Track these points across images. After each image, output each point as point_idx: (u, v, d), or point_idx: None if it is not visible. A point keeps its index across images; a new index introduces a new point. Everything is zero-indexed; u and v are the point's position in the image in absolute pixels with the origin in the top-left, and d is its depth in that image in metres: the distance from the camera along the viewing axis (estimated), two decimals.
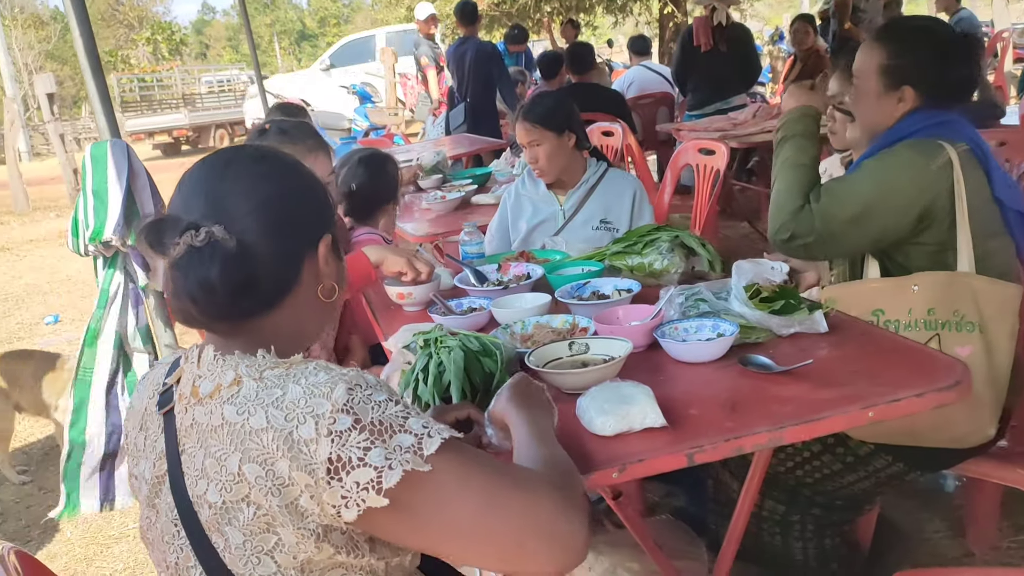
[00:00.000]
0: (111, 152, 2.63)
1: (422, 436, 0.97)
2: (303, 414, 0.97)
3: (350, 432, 0.95)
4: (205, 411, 1.04)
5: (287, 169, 1.17)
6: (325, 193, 1.21)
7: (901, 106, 1.99)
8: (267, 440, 0.97)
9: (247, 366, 1.05)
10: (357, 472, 0.95)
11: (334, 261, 1.19)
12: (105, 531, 3.14)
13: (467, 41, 6.74)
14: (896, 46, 1.99)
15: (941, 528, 2.50)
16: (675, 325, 1.71)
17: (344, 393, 0.97)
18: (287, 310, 1.14)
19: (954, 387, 1.39)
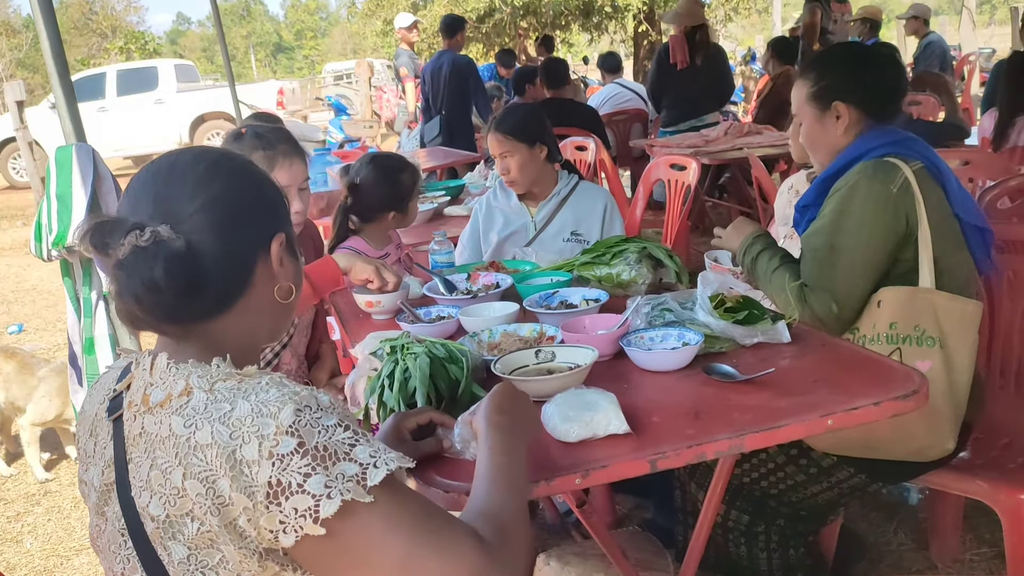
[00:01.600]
0: (76, 156, 2.61)
1: (368, 466, 0.95)
2: (248, 433, 0.94)
3: (292, 456, 0.93)
4: (154, 420, 1.02)
5: (234, 168, 1.15)
6: (277, 192, 1.19)
7: (841, 123, 2.06)
8: (211, 456, 0.95)
9: (199, 376, 1.02)
10: (296, 498, 0.92)
11: (289, 261, 1.17)
12: (66, 543, 3.09)
13: (444, 55, 6.78)
14: (816, 73, 2.11)
15: (905, 540, 2.53)
16: (641, 334, 1.72)
17: (291, 414, 0.95)
18: (241, 312, 1.12)
19: (911, 396, 1.41)
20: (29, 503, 3.42)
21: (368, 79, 12.49)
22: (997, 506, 1.93)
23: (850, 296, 1.91)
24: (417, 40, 9.24)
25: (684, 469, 2.16)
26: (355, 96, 15.37)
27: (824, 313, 1.89)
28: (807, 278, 1.95)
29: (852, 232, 1.91)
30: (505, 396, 1.26)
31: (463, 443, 1.33)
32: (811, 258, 1.97)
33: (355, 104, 14.09)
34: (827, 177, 2.07)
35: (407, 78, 8.83)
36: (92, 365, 2.91)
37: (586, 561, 2.09)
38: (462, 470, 1.30)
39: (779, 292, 1.97)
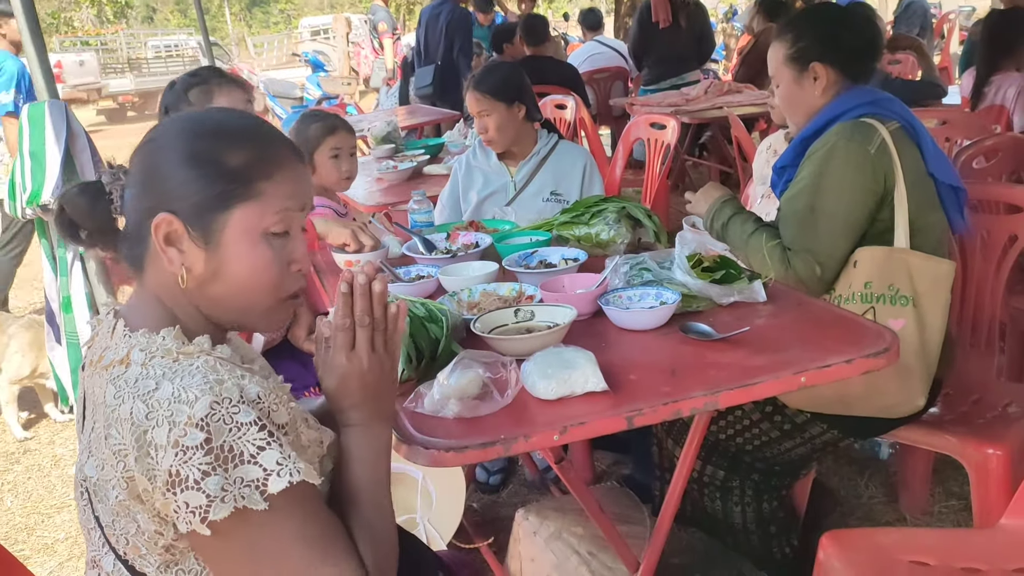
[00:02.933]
0: (49, 113, 2.56)
1: (271, 473, 0.95)
2: (162, 417, 0.94)
3: (196, 450, 0.93)
4: (100, 383, 1.04)
5: (172, 129, 1.12)
6: (188, 169, 1.07)
7: (819, 83, 2.06)
8: (125, 431, 0.97)
9: (141, 349, 1.03)
10: (190, 494, 0.93)
11: (196, 250, 1.07)
12: (46, 500, 3.10)
13: (444, 3, 6.61)
14: (793, 34, 2.10)
15: (876, 494, 2.59)
16: (619, 293, 1.73)
17: (205, 407, 0.94)
18: (154, 276, 1.11)
19: (882, 354, 1.44)
20: (8, 461, 3.42)
21: (346, 35, 12.30)
22: (965, 460, 1.98)
23: (832, 257, 1.93)
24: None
25: (661, 426, 2.19)
26: (333, 52, 15.14)
27: (808, 275, 1.92)
28: (788, 240, 1.97)
29: (832, 194, 1.93)
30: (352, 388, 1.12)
31: (442, 401, 1.35)
32: (792, 221, 1.99)
33: (333, 60, 13.89)
34: (804, 138, 2.08)
35: (385, 33, 8.71)
36: (70, 323, 2.90)
37: (564, 515, 2.13)
38: (440, 427, 1.32)
39: (756, 255, 1.98)
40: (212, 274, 1.08)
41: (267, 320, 1.16)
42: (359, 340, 1.10)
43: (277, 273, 1.11)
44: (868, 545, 1.61)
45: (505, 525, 2.35)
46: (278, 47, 26.29)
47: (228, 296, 1.11)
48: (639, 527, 2.12)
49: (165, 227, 1.06)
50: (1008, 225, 2.28)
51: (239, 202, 1.07)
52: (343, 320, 1.10)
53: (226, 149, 1.08)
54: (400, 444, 1.30)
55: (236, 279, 1.09)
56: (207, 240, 1.07)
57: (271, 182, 1.09)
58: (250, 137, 1.11)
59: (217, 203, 1.07)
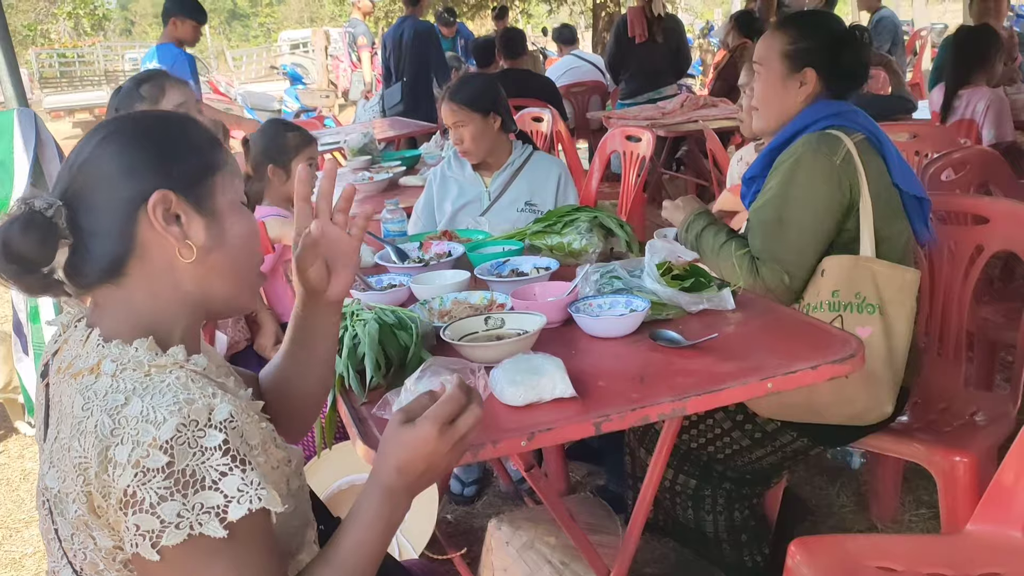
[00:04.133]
0: (17, 121, 2.54)
1: (232, 499, 0.93)
2: (127, 435, 0.92)
3: (157, 473, 0.91)
4: (68, 392, 1.02)
5: (120, 124, 1.09)
6: (167, 145, 1.07)
7: (803, 89, 2.07)
8: (88, 445, 0.94)
9: (113, 360, 1.00)
10: (142, 516, 0.91)
11: (196, 219, 1.06)
12: (15, 515, 3.05)
13: (405, 20, 6.70)
14: (797, 32, 2.09)
15: (847, 503, 2.61)
16: (590, 301, 1.74)
17: (171, 429, 0.92)
18: (142, 278, 1.06)
19: (847, 360, 1.45)
20: None
21: (324, 48, 12.30)
22: (933, 468, 2.00)
23: (800, 267, 1.95)
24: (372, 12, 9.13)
25: (634, 436, 2.20)
26: (311, 65, 15.14)
27: (776, 284, 1.93)
28: (756, 250, 1.98)
29: (799, 204, 1.95)
30: (419, 458, 1.03)
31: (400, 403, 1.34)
32: (760, 231, 2.01)
33: (311, 73, 13.88)
34: (772, 149, 2.10)
35: (363, 47, 8.73)
36: (37, 333, 2.86)
37: (537, 525, 2.12)
38: None
39: (727, 264, 2.00)
40: (215, 240, 1.08)
41: (251, 293, 1.18)
42: (460, 424, 1.03)
43: (256, 240, 1.15)
44: (836, 551, 1.62)
45: (479, 536, 2.34)
46: (257, 60, 26.24)
47: (228, 263, 1.10)
48: (611, 536, 2.12)
49: (163, 204, 1.03)
50: (974, 236, 2.31)
51: (217, 169, 1.10)
52: (460, 393, 1.05)
53: (192, 127, 1.12)
54: (367, 451, 1.30)
55: (236, 242, 1.10)
56: (202, 207, 1.07)
57: (225, 152, 1.13)
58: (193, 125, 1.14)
59: (203, 169, 1.08)
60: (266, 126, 2.90)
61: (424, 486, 1.07)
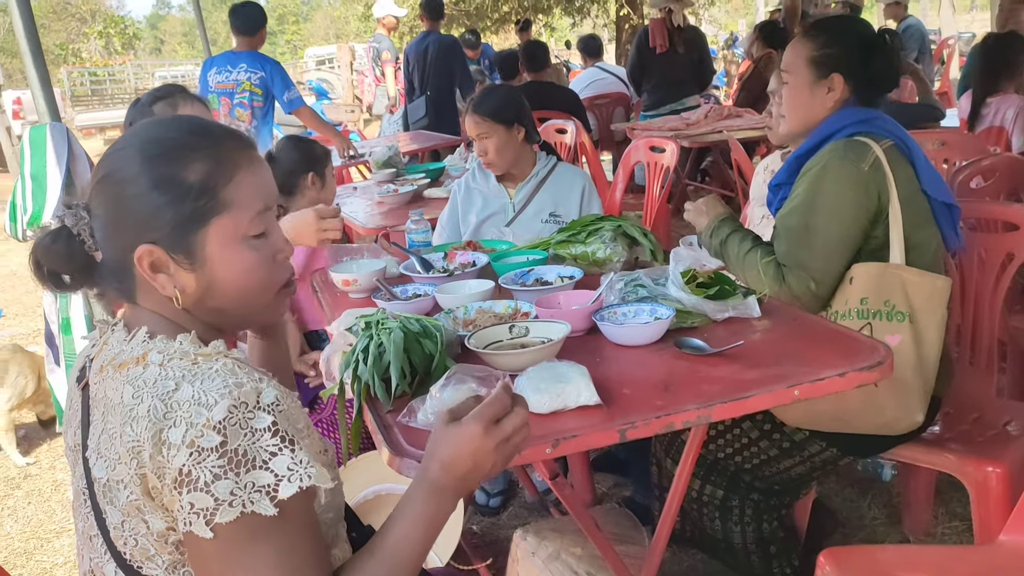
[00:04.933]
0: (50, 135, 2.59)
1: (282, 478, 0.96)
2: (180, 417, 0.96)
3: (211, 453, 0.94)
4: (114, 386, 1.05)
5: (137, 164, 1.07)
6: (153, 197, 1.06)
7: (831, 95, 2.05)
8: (141, 429, 0.98)
9: (159, 351, 1.04)
10: (197, 495, 0.94)
11: (184, 269, 1.08)
12: (46, 525, 3.08)
13: (429, 35, 6.76)
14: (824, 38, 2.07)
15: (878, 515, 2.57)
16: (614, 309, 1.74)
17: (223, 411, 0.95)
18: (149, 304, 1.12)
19: (875, 367, 1.44)
20: (9, 487, 3.41)
21: (350, 63, 12.41)
22: (965, 479, 1.97)
23: (827, 274, 1.93)
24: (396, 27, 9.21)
25: (660, 446, 2.18)
26: (337, 81, 15.29)
27: (802, 291, 1.92)
28: (783, 257, 1.97)
29: (826, 211, 1.93)
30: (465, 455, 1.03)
31: (435, 414, 1.35)
32: (786, 238, 1.99)
33: (336, 88, 14.01)
34: (799, 156, 2.08)
35: (388, 62, 8.79)
36: (69, 345, 2.90)
37: (563, 536, 2.11)
38: None
39: (752, 271, 1.99)
40: (205, 290, 1.10)
41: (268, 314, 1.20)
42: (506, 424, 1.04)
43: (266, 270, 1.13)
44: (866, 562, 1.60)
45: (504, 547, 2.33)
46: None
47: (226, 305, 1.12)
48: (638, 547, 2.10)
49: (148, 258, 1.06)
50: (1005, 243, 2.28)
51: (213, 216, 1.07)
52: (505, 394, 1.06)
53: (183, 166, 1.06)
54: (392, 458, 1.30)
55: (229, 288, 1.11)
56: (192, 260, 1.08)
57: (235, 184, 1.08)
58: (201, 144, 1.09)
59: (191, 223, 1.07)
60: (290, 143, 2.99)
61: (470, 487, 1.08)
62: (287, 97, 5.12)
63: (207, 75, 5.19)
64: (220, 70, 5.10)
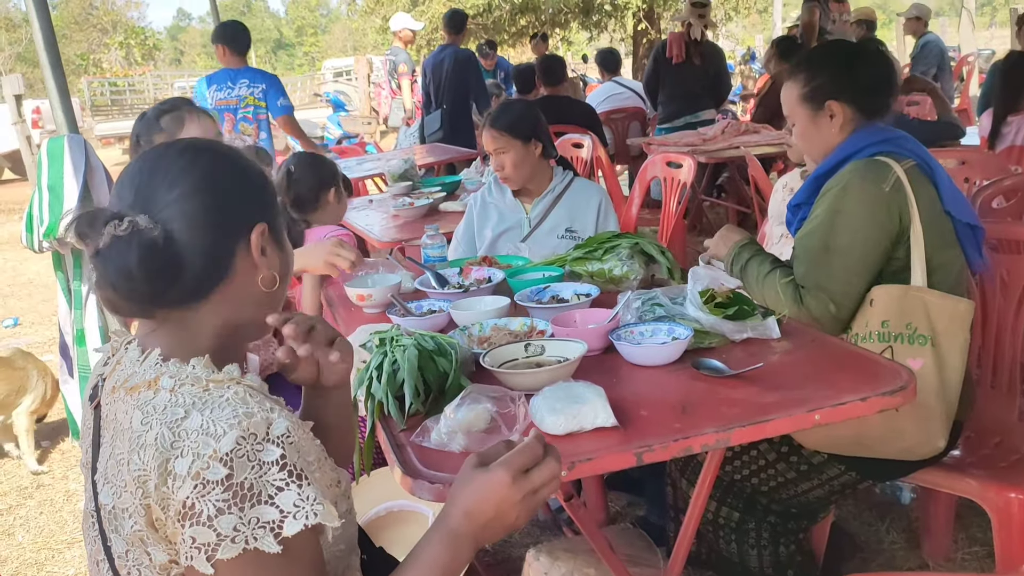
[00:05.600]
0: (68, 147, 2.60)
1: (288, 515, 0.93)
2: (187, 447, 0.94)
3: (216, 486, 0.92)
4: (124, 409, 1.03)
5: (217, 156, 1.14)
6: (260, 181, 1.16)
7: (835, 121, 2.05)
8: (148, 458, 0.96)
9: (171, 376, 1.02)
10: (199, 529, 0.92)
11: (274, 251, 1.15)
12: (57, 536, 3.08)
13: (446, 49, 6.78)
14: (806, 72, 2.09)
15: (897, 539, 2.53)
16: (631, 329, 1.72)
17: (231, 442, 0.93)
18: (221, 302, 1.11)
19: (898, 392, 1.41)
20: (21, 496, 3.41)
21: (367, 76, 12.47)
22: (987, 504, 1.93)
23: (847, 296, 1.91)
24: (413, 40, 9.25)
25: (676, 466, 2.16)
26: (354, 93, 15.38)
27: (821, 313, 1.89)
28: (802, 278, 1.95)
29: (847, 232, 1.91)
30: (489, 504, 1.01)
31: (449, 435, 1.33)
32: (805, 259, 1.97)
33: (354, 100, 14.09)
34: (818, 176, 2.07)
35: (404, 75, 8.83)
36: (83, 356, 2.90)
37: (576, 556, 2.08)
38: (447, 462, 1.30)
39: (771, 293, 1.96)
40: (282, 273, 1.17)
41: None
42: (535, 476, 1.02)
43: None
44: None
45: (516, 565, 2.31)
46: (301, 88, 26.73)
47: (279, 294, 1.18)
48: (652, 569, 2.08)
49: (260, 237, 1.12)
50: None
51: (279, 206, 1.19)
52: (537, 444, 1.04)
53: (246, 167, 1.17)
54: (405, 479, 1.28)
55: (288, 274, 1.20)
56: (279, 240, 1.17)
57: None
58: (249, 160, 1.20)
59: (275, 207, 1.18)
60: (307, 159, 3.04)
61: (490, 538, 1.04)
62: (280, 103, 5.25)
63: (205, 92, 5.23)
64: (220, 87, 5.15)
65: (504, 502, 1.00)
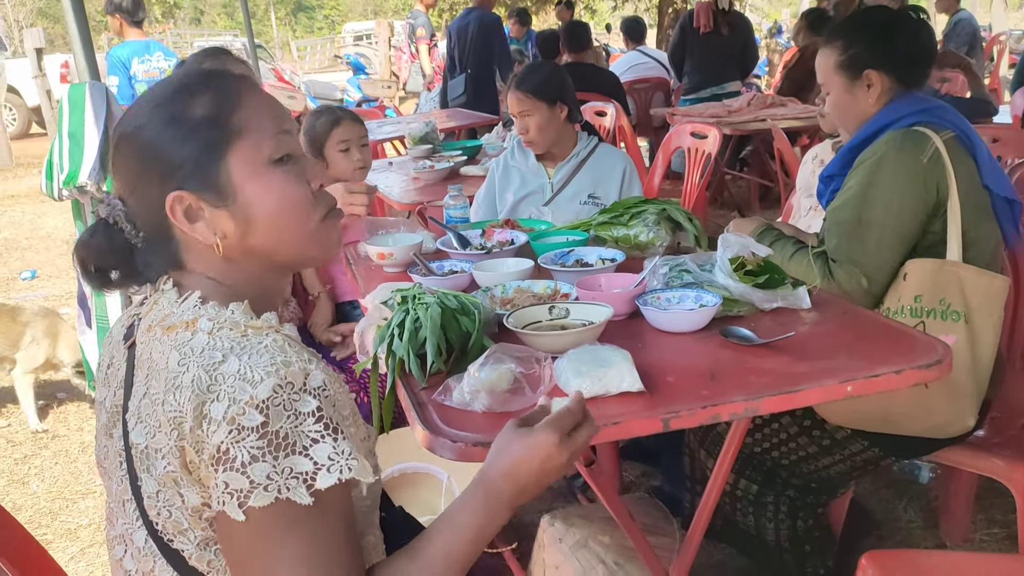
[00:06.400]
0: (89, 94, 2.57)
1: (322, 467, 0.92)
2: (224, 391, 0.92)
3: (251, 432, 0.90)
4: (160, 349, 1.01)
5: (145, 115, 1.05)
6: (165, 139, 1.03)
7: (872, 91, 2.00)
8: (183, 399, 0.94)
9: (209, 319, 1.01)
10: (232, 475, 0.90)
11: (200, 219, 1.04)
12: (72, 486, 3.10)
13: (472, 12, 6.68)
14: (843, 39, 2.03)
15: (915, 518, 2.51)
16: (657, 294, 1.68)
17: (268, 390, 0.91)
18: (197, 266, 1.08)
19: (933, 366, 1.37)
20: (37, 446, 3.43)
21: (388, 39, 12.36)
22: (1012, 485, 1.90)
23: (880, 270, 1.86)
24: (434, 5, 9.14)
25: (695, 436, 2.13)
26: (374, 56, 15.27)
27: (853, 287, 1.85)
28: (833, 251, 1.90)
29: (881, 204, 1.86)
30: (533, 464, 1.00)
31: (471, 393, 1.30)
32: (838, 231, 1.92)
33: (374, 64, 13.99)
34: (852, 147, 2.01)
35: (422, 39, 8.74)
36: (100, 307, 2.90)
37: (591, 524, 2.07)
38: (468, 421, 1.28)
39: (798, 269, 1.92)
40: (244, 226, 1.05)
41: (318, 245, 1.11)
42: (578, 438, 1.02)
43: (301, 193, 1.08)
44: (910, 567, 1.53)
45: (529, 531, 2.30)
46: (321, 51, 26.61)
47: (270, 240, 1.07)
48: (668, 539, 2.06)
49: (179, 205, 1.03)
50: None
51: (227, 146, 1.04)
52: (579, 408, 1.03)
53: (187, 105, 1.04)
54: (427, 436, 1.26)
55: (268, 217, 1.06)
56: (222, 196, 1.04)
57: (242, 110, 1.05)
58: (198, 82, 1.06)
59: (210, 155, 1.03)
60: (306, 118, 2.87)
61: (525, 499, 1.02)
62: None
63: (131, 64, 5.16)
64: (141, 60, 5.11)
65: (549, 461, 0.99)
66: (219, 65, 2.25)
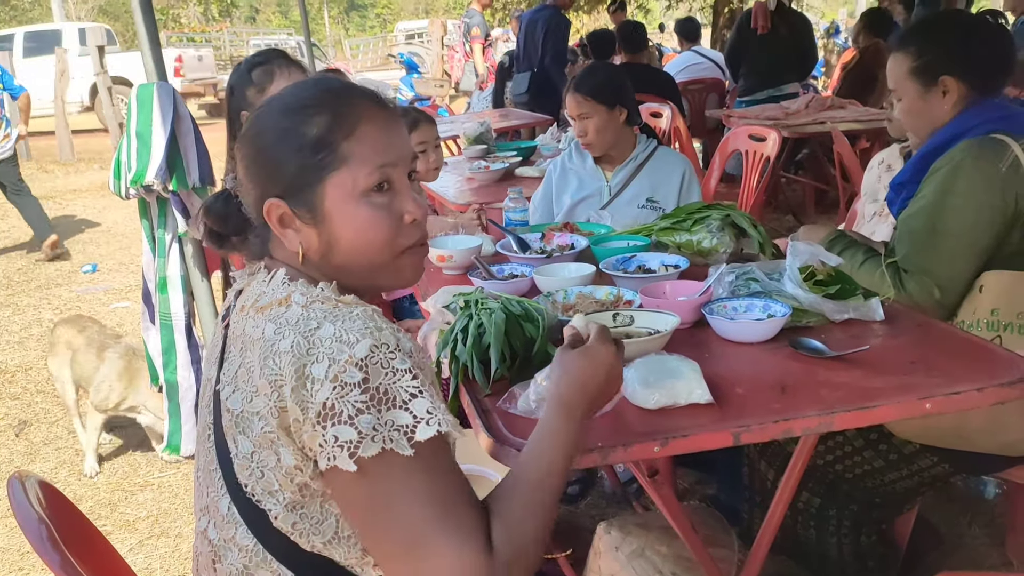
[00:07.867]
0: (157, 94, 2.61)
1: (421, 421, 0.96)
2: (323, 353, 0.97)
3: (354, 388, 0.95)
4: (255, 323, 1.06)
5: (271, 119, 1.12)
6: (276, 151, 1.10)
7: (948, 98, 1.93)
8: (284, 363, 0.98)
9: (301, 293, 1.06)
10: (341, 428, 0.95)
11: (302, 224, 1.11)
12: (131, 478, 3.16)
13: (544, 9, 6.61)
14: (919, 44, 1.96)
15: (980, 535, 2.43)
16: (724, 303, 1.65)
17: (366, 349, 0.96)
18: (282, 259, 1.15)
19: (1017, 384, 1.32)
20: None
21: (440, 38, 12.42)
22: None
23: (953, 281, 1.81)
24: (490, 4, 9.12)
25: (755, 446, 2.09)
26: (427, 55, 15.35)
27: (924, 298, 1.80)
28: (905, 261, 1.85)
29: (957, 214, 1.81)
30: (600, 373, 1.11)
31: (537, 401, 1.29)
32: (910, 240, 1.87)
33: (426, 63, 14.06)
34: (926, 154, 1.95)
35: (477, 39, 8.74)
36: (164, 304, 2.94)
37: (648, 532, 2.04)
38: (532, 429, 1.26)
39: (868, 278, 1.87)
40: (327, 246, 1.11)
41: (395, 277, 1.16)
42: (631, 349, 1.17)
43: (387, 228, 1.11)
44: None
45: (582, 537, 2.28)
46: (373, 49, 26.84)
47: (349, 263, 1.12)
48: (726, 551, 2.02)
49: (275, 212, 1.10)
50: None
51: (330, 171, 1.08)
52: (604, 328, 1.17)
53: (304, 121, 1.08)
54: (491, 443, 1.25)
55: (349, 245, 1.11)
56: (313, 215, 1.10)
57: (355, 140, 1.08)
58: (324, 100, 1.10)
59: (310, 178, 1.08)
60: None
61: (595, 409, 1.15)
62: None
63: None
64: None
65: (613, 370, 1.13)
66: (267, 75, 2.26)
